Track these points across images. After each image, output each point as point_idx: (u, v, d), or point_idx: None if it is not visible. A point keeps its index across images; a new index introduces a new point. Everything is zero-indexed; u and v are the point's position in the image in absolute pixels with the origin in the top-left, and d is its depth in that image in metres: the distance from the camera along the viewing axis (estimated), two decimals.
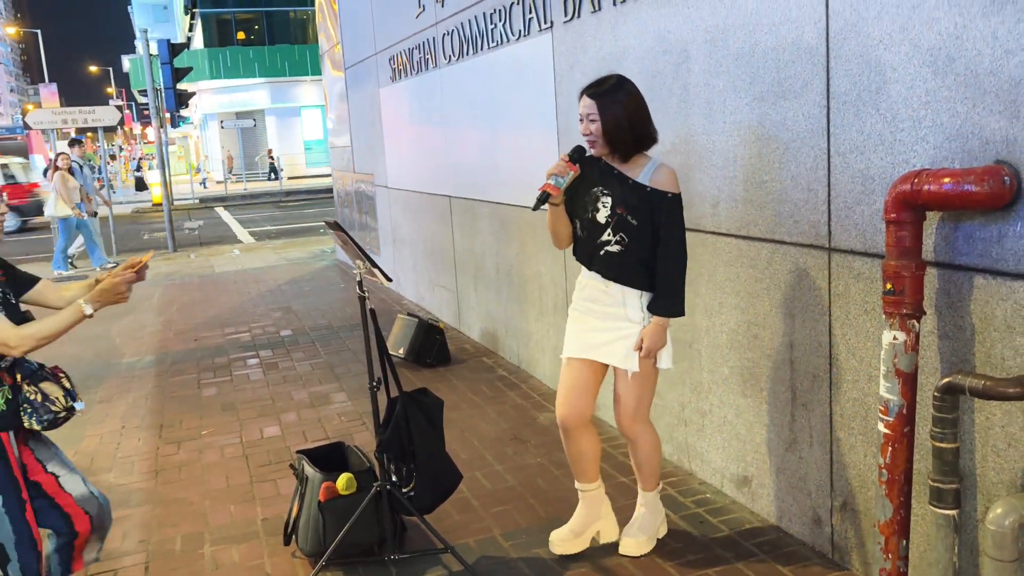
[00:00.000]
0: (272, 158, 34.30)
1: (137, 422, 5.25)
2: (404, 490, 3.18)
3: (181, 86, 16.07)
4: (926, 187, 2.26)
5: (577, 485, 3.25)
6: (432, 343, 6.00)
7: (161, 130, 15.96)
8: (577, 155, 2.96)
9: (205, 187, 33.77)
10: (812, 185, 2.89)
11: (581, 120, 2.93)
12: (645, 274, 2.94)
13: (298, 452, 3.55)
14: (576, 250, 3.10)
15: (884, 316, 2.40)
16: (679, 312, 2.96)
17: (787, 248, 3.05)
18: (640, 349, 2.95)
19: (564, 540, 3.20)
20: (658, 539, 3.25)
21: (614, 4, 3.98)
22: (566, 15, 4.45)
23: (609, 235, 2.93)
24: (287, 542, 3.44)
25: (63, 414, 2.60)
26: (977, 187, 2.19)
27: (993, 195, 2.18)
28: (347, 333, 7.28)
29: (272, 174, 33.94)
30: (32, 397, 2.54)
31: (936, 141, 2.39)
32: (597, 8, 4.13)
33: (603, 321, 3.01)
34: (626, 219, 2.90)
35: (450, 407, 4.99)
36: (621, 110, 2.87)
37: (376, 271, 3.04)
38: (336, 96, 10.95)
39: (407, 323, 6.12)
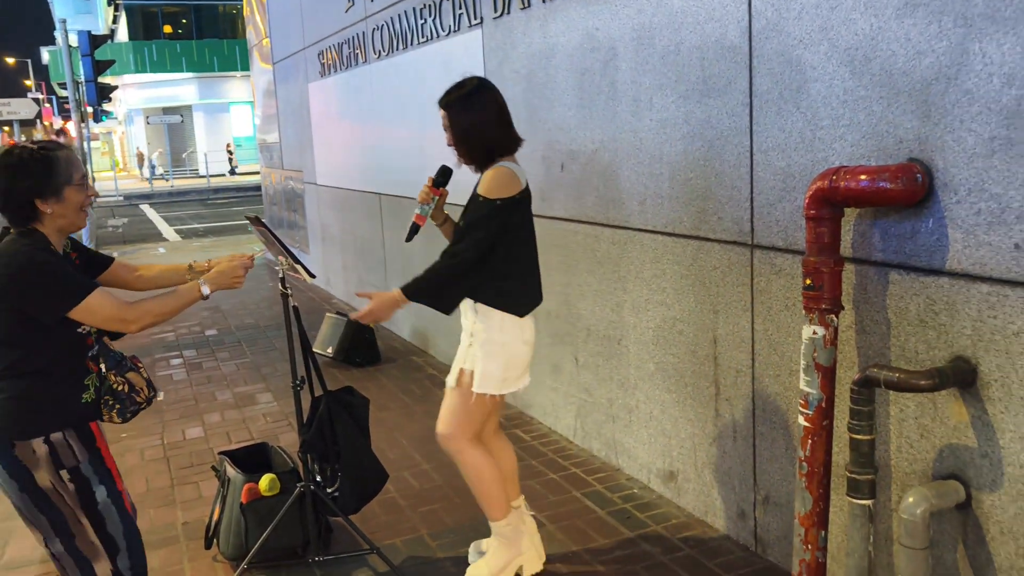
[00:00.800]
0: (231, 152, 33.52)
1: None
2: (329, 491, 3.12)
3: (104, 80, 15.56)
4: (843, 184, 2.30)
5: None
6: (361, 342, 5.92)
7: (83, 125, 15.44)
8: (441, 178, 2.85)
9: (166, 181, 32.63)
10: (735, 183, 2.93)
11: (446, 129, 2.80)
12: (480, 285, 2.76)
13: (220, 453, 3.46)
14: None
15: (804, 311, 2.44)
16: (422, 297, 2.73)
17: (711, 245, 3.08)
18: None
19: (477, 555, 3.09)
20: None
21: (543, 1, 3.97)
22: (496, 11, 4.43)
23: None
24: (208, 546, 3.34)
25: (144, 405, 2.46)
26: (892, 184, 2.24)
27: (907, 192, 2.23)
28: (274, 332, 7.14)
29: (231, 170, 33.31)
30: (119, 388, 2.38)
31: (853, 139, 2.44)
32: (527, 5, 4.12)
33: (464, 335, 2.88)
34: (460, 227, 2.78)
35: (379, 406, 4.93)
36: (468, 117, 2.73)
37: (299, 267, 2.97)
38: (264, 91, 10.74)
39: (336, 322, 6.03)
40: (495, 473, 2.88)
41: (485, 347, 2.77)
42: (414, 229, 2.86)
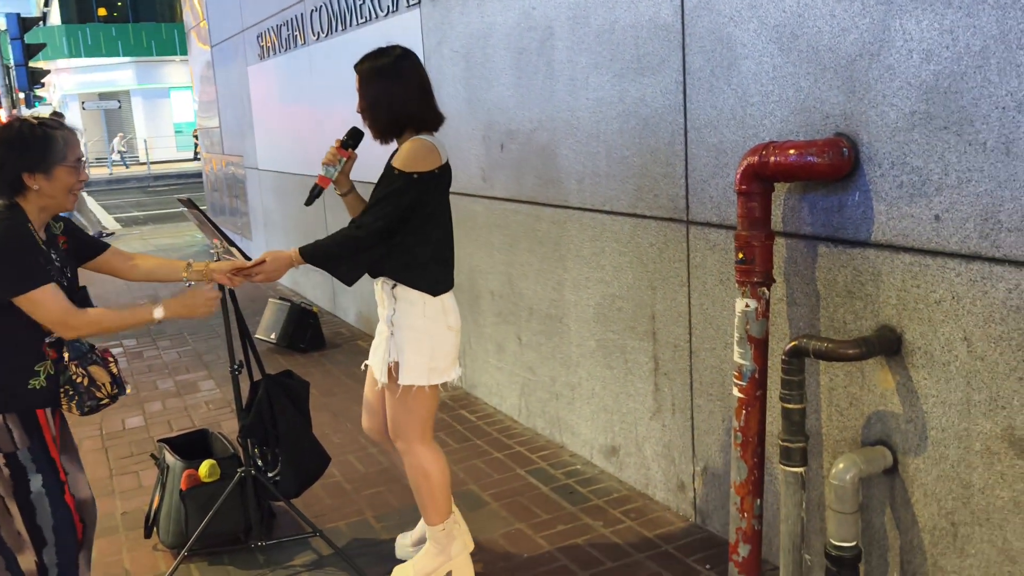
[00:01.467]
0: (124, 146, 32.30)
1: None
2: (270, 475, 3.10)
3: (35, 64, 15.10)
4: (773, 159, 2.34)
5: (424, 522, 2.90)
6: (305, 327, 5.86)
7: (14, 111, 14.96)
8: (351, 140, 2.72)
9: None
10: (670, 160, 2.96)
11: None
12: (388, 259, 2.62)
13: (160, 441, 3.41)
14: None
15: (737, 285, 2.48)
16: (319, 261, 2.61)
17: (648, 222, 3.12)
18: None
19: (404, 545, 3.07)
20: None
21: None
22: None
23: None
24: (148, 535, 3.30)
25: (106, 401, 2.41)
26: (819, 158, 2.28)
27: (833, 166, 2.28)
28: (216, 320, 6.96)
29: (123, 162, 32.15)
30: (78, 380, 2.34)
31: (783, 115, 2.48)
32: None
33: (380, 324, 2.74)
34: (371, 202, 2.62)
35: (324, 391, 4.90)
36: (380, 85, 2.60)
37: (233, 250, 2.93)
38: (203, 75, 10.52)
39: (279, 307, 5.96)
40: (444, 477, 2.75)
41: (408, 334, 2.62)
42: (316, 192, 2.71)
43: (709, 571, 2.84)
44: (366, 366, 2.90)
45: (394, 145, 2.73)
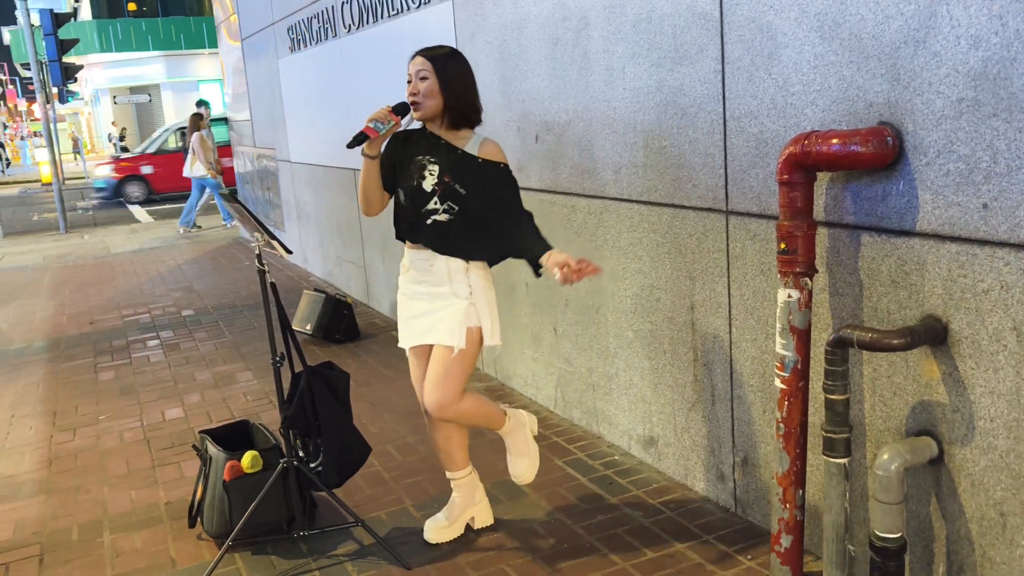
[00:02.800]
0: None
1: (28, 410, 5.02)
2: (312, 465, 3.14)
3: (68, 59, 15.28)
4: (816, 148, 2.33)
5: (448, 475, 3.14)
6: (340, 318, 5.91)
7: (48, 106, 15.17)
8: (401, 109, 2.87)
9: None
10: (709, 150, 2.94)
11: (409, 80, 2.83)
12: (471, 244, 2.87)
13: (201, 432, 3.46)
14: (398, 220, 2.96)
15: (779, 275, 2.47)
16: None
17: (687, 212, 3.11)
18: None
19: (439, 528, 3.12)
20: (469, 525, 3.17)
21: None
22: None
23: (436, 204, 2.83)
24: (192, 525, 3.35)
25: None
26: (863, 148, 2.26)
27: (877, 155, 2.26)
28: (252, 311, 7.11)
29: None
30: None
31: (824, 104, 2.46)
32: None
33: (429, 303, 2.91)
34: (453, 187, 2.81)
35: (360, 382, 4.94)
36: (460, 73, 2.84)
37: (275, 243, 2.96)
38: (233, 69, 10.60)
39: (314, 299, 6.01)
40: (481, 405, 3.02)
41: (487, 299, 2.94)
42: (360, 138, 2.79)
43: (750, 561, 2.83)
44: (410, 349, 3.02)
45: (456, 136, 2.90)
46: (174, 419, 4.67)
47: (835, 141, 2.30)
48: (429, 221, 2.85)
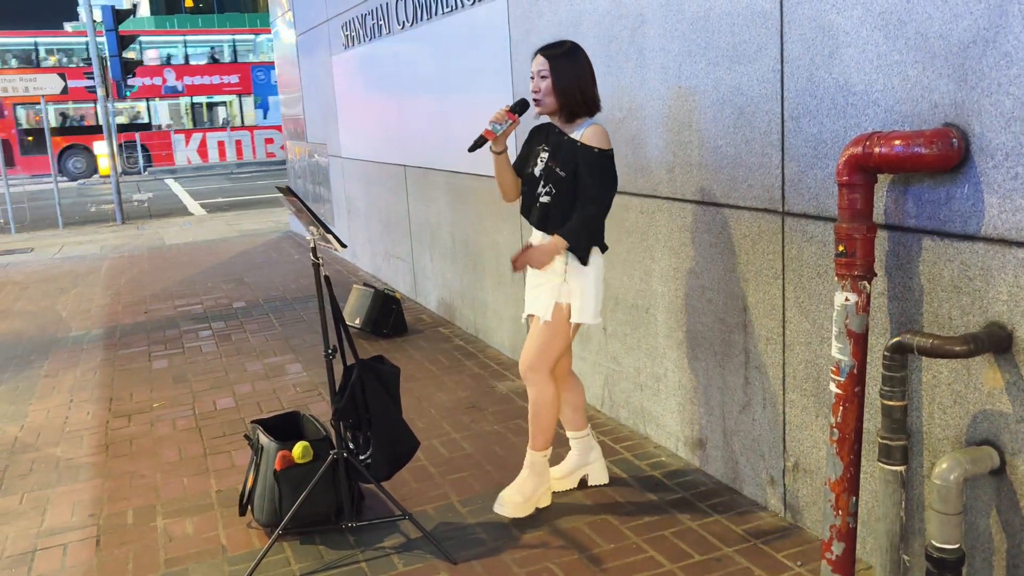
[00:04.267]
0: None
1: (85, 396, 5.15)
2: (361, 458, 3.17)
3: (128, 54, 15.61)
4: (877, 150, 2.28)
5: (567, 434, 3.45)
6: (388, 313, 5.96)
7: (107, 100, 15.52)
8: (519, 107, 3.12)
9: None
10: (766, 149, 2.91)
11: (532, 78, 3.07)
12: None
13: (253, 422, 3.51)
14: (522, 206, 3.25)
15: (836, 278, 2.43)
16: (575, 243, 3.03)
17: (741, 212, 3.07)
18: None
19: (555, 479, 3.39)
20: (538, 508, 3.28)
21: None
22: None
23: (542, 187, 3.09)
24: (242, 512, 3.41)
25: None
26: (927, 149, 2.21)
27: (942, 157, 2.21)
28: (301, 304, 7.20)
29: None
30: None
31: (887, 104, 2.41)
32: None
33: (538, 278, 3.17)
34: (554, 170, 3.05)
35: (407, 377, 4.97)
36: (573, 70, 3.02)
37: (330, 237, 3.00)
38: (288, 64, 10.74)
39: (363, 293, 6.07)
40: (556, 410, 3.22)
41: (580, 280, 3.08)
42: (480, 141, 3.07)
43: (800, 568, 2.79)
44: (526, 318, 3.27)
45: (571, 126, 3.10)
46: (225, 408, 4.75)
47: (898, 142, 2.25)
48: (537, 204, 3.12)
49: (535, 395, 3.19)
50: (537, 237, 3.16)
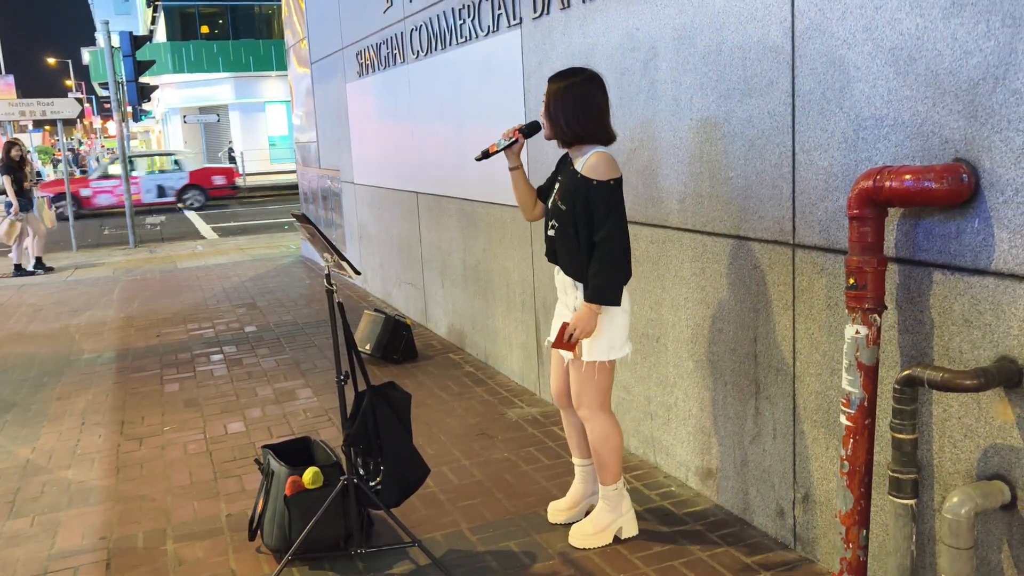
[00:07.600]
0: (232, 153, 33.51)
1: (97, 419, 5.17)
2: (371, 484, 3.18)
3: (144, 79, 15.82)
4: (888, 183, 2.31)
5: (573, 460, 3.45)
6: (399, 339, 5.98)
7: (123, 124, 15.71)
8: (528, 128, 3.20)
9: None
10: (776, 182, 2.93)
11: (544, 103, 3.12)
12: (571, 259, 3.04)
13: (263, 447, 3.53)
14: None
15: (847, 310, 2.44)
16: (607, 299, 2.96)
17: (752, 244, 3.09)
18: (568, 336, 3.02)
19: (558, 510, 3.42)
20: (619, 539, 3.26)
21: (583, 1, 4.00)
22: (535, 12, 4.46)
23: (550, 219, 3.12)
24: (252, 537, 3.41)
25: None
26: (937, 184, 2.24)
27: (952, 192, 2.23)
28: (312, 329, 7.23)
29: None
30: None
31: (897, 139, 2.44)
32: (566, 5, 4.15)
33: (560, 308, 3.20)
34: (557, 204, 3.05)
35: (417, 403, 4.98)
36: (567, 100, 3.00)
37: (344, 264, 3.03)
38: (302, 91, 10.86)
39: (374, 319, 6.10)
40: (620, 442, 3.19)
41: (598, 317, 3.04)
42: (485, 153, 3.23)
43: None
44: (549, 342, 3.18)
45: (578, 155, 3.08)
46: (236, 433, 4.76)
47: (908, 177, 2.28)
48: (546, 236, 3.17)
49: (589, 432, 3.17)
50: (560, 276, 3.13)
